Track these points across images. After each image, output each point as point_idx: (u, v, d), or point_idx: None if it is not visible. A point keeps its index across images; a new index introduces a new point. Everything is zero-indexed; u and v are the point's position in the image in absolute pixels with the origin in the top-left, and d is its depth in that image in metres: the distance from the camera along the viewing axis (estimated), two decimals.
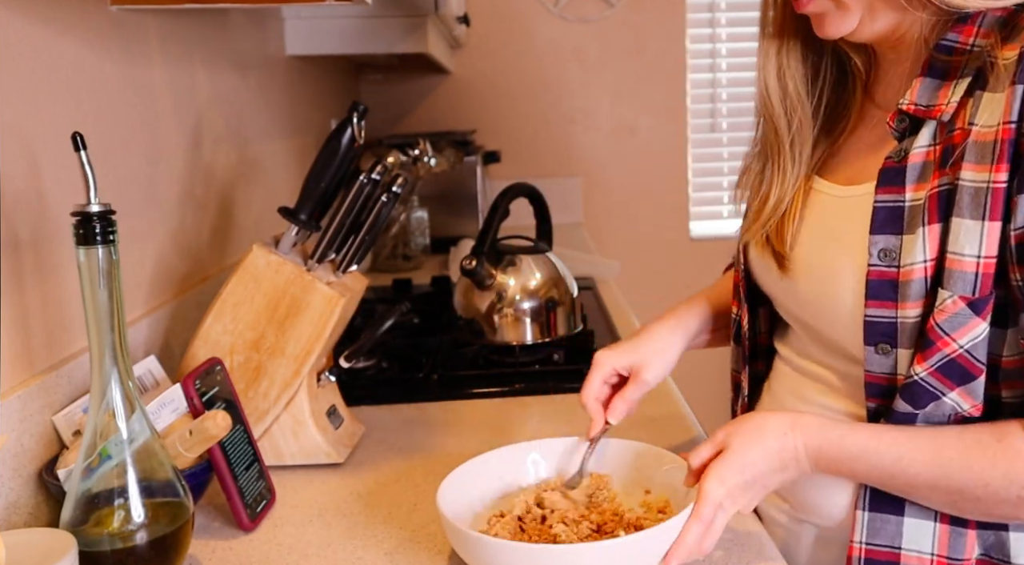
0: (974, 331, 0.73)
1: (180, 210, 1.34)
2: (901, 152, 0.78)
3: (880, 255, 0.77)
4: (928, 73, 0.77)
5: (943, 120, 0.75)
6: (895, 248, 0.76)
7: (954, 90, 0.75)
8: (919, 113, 0.77)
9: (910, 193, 0.76)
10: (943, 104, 0.75)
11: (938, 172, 0.74)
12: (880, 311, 0.77)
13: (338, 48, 2.02)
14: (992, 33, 0.74)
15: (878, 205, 0.77)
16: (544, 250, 1.50)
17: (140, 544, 0.76)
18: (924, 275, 0.74)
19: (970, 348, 0.73)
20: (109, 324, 0.76)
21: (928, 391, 0.75)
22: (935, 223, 0.73)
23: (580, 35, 2.89)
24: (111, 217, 0.75)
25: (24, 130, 0.94)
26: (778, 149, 0.89)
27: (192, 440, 0.84)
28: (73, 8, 1.05)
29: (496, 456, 0.92)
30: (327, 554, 0.87)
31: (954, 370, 0.74)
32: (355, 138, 1.03)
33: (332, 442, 1.07)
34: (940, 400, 0.75)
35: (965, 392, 0.75)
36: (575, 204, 2.96)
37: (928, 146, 0.76)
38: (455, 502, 0.84)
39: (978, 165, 0.71)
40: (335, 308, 1.03)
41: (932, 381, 0.75)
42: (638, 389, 0.96)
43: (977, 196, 0.71)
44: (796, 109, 0.89)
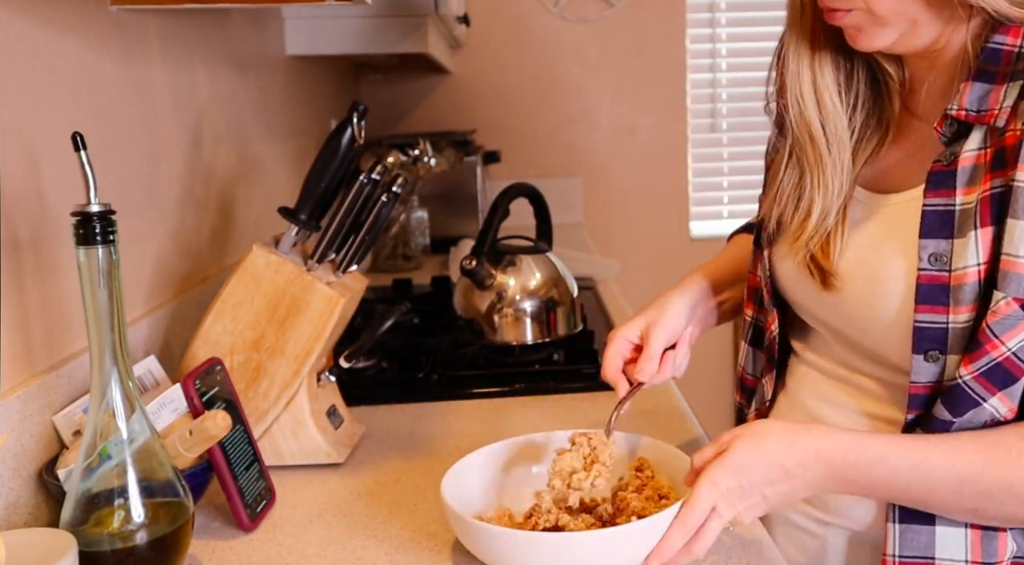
0: (1023, 333, 0.72)
1: (180, 210, 1.34)
2: (951, 155, 0.76)
3: (931, 259, 0.76)
4: (977, 77, 0.76)
5: (997, 125, 0.74)
6: (946, 252, 0.75)
7: (1006, 94, 0.74)
8: (970, 118, 0.76)
9: (961, 196, 0.75)
10: (995, 109, 0.74)
11: (990, 175, 0.73)
12: (931, 317, 0.76)
13: (338, 48, 2.02)
14: None
15: (927, 209, 0.76)
16: (544, 250, 1.50)
17: (140, 544, 0.76)
18: (977, 278, 0.73)
19: (1017, 350, 0.72)
20: (109, 324, 0.76)
21: (970, 397, 0.74)
22: (988, 226, 0.73)
23: (580, 35, 2.89)
24: (111, 217, 0.75)
25: (24, 130, 0.94)
26: (818, 163, 0.87)
27: (192, 440, 0.84)
28: (73, 8, 1.05)
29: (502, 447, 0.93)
30: (327, 554, 0.87)
31: (998, 374, 0.73)
32: (355, 138, 1.03)
33: (332, 442, 1.07)
34: (980, 407, 0.74)
35: (1005, 396, 0.74)
36: (575, 204, 2.96)
37: (979, 149, 0.75)
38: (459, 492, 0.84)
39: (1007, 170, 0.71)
40: (335, 308, 1.03)
41: (975, 386, 0.74)
42: (656, 340, 0.93)
43: (1002, 200, 0.71)
44: (833, 120, 0.86)
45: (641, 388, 0.94)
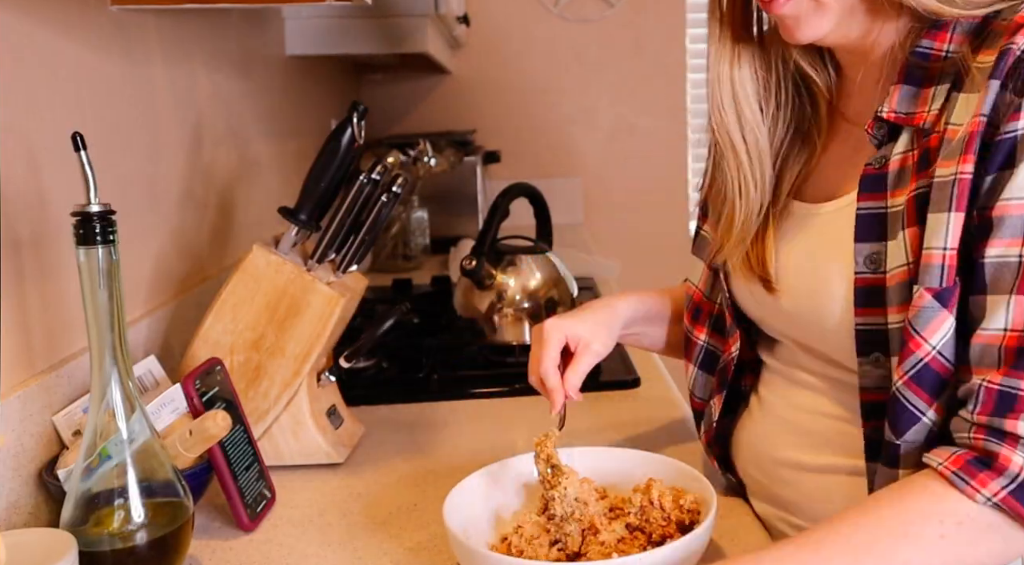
0: (943, 327, 0.71)
1: (180, 210, 1.34)
2: (881, 159, 0.77)
3: (866, 262, 0.76)
4: (906, 80, 0.77)
5: (924, 127, 0.75)
6: (880, 254, 0.75)
7: (934, 97, 0.75)
8: (900, 120, 0.76)
9: (891, 199, 0.75)
10: (923, 111, 0.75)
11: (916, 176, 0.74)
12: (870, 319, 0.76)
13: (338, 48, 2.02)
14: (966, 40, 0.74)
15: (861, 213, 0.77)
16: (544, 250, 1.50)
17: (140, 544, 0.76)
18: (906, 278, 0.73)
19: (941, 348, 0.71)
20: (109, 324, 0.76)
21: (906, 409, 0.73)
22: (913, 225, 0.73)
23: (580, 35, 2.89)
24: (111, 217, 0.75)
25: (24, 130, 0.94)
26: (737, 170, 0.87)
27: (192, 440, 0.84)
28: (73, 8, 1.05)
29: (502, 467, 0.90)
30: (327, 554, 0.87)
31: (928, 378, 0.72)
32: (355, 138, 1.03)
33: (332, 442, 1.07)
34: (920, 421, 0.73)
35: (941, 406, 0.72)
36: (575, 204, 2.96)
37: (906, 151, 0.76)
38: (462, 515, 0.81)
39: (947, 160, 0.71)
40: (335, 308, 1.03)
41: (909, 395, 0.73)
42: (588, 360, 0.92)
43: (943, 189, 0.71)
44: (753, 130, 0.87)
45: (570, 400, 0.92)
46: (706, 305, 0.98)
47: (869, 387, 0.78)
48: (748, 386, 0.98)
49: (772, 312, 0.89)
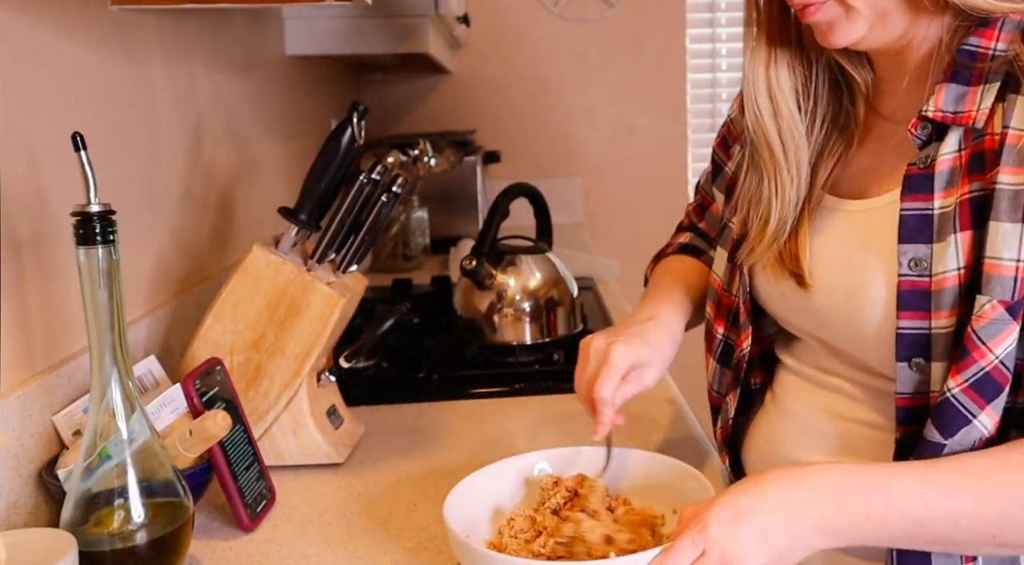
0: (1010, 338, 0.70)
1: (180, 210, 1.34)
2: (926, 158, 0.76)
3: (911, 265, 0.75)
4: (952, 79, 0.75)
5: (976, 126, 0.73)
6: (926, 257, 0.74)
7: (982, 95, 0.73)
8: (947, 120, 0.75)
9: (939, 200, 0.74)
10: (972, 110, 0.74)
11: (967, 178, 0.73)
12: (913, 322, 0.75)
13: (338, 48, 2.02)
14: (1015, 38, 0.73)
15: (905, 213, 0.75)
16: (544, 250, 1.50)
17: (140, 544, 0.76)
18: (958, 283, 0.72)
19: (1004, 358, 0.71)
20: (109, 324, 0.76)
21: (960, 413, 0.72)
22: (967, 230, 0.72)
23: (580, 35, 2.89)
24: (111, 217, 0.75)
25: (24, 130, 0.94)
26: (774, 169, 0.86)
27: (192, 440, 0.84)
28: (73, 8, 1.05)
29: (503, 466, 0.90)
30: (327, 554, 0.87)
31: (987, 385, 0.71)
32: (355, 138, 1.03)
33: (332, 442, 1.07)
34: (970, 424, 0.72)
35: (992, 410, 0.72)
36: (575, 204, 2.96)
37: (956, 152, 0.74)
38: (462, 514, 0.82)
39: (1016, 168, 0.70)
40: (335, 308, 1.03)
41: (965, 400, 0.72)
42: (635, 388, 0.91)
43: (1016, 199, 0.69)
44: (789, 127, 0.86)
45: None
46: (725, 298, 0.96)
47: (906, 392, 0.76)
48: (759, 383, 0.97)
49: (800, 310, 0.87)
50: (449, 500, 0.82)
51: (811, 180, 0.87)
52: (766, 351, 0.96)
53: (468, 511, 0.83)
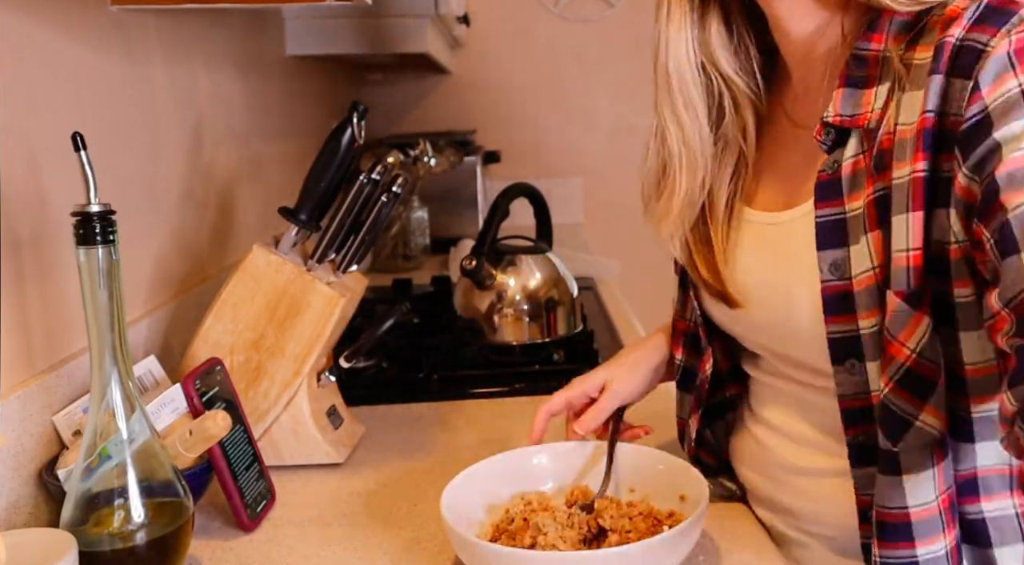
0: (918, 330, 0.71)
1: (180, 210, 1.34)
2: (834, 164, 0.77)
3: (831, 270, 0.76)
4: (847, 83, 0.77)
5: (870, 127, 0.74)
6: (843, 260, 0.75)
7: (876, 96, 0.75)
8: (845, 123, 0.76)
9: (849, 203, 0.75)
10: (867, 111, 0.75)
11: (871, 179, 0.74)
12: (841, 326, 0.76)
13: (338, 48, 2.02)
14: (901, 38, 0.74)
15: (820, 220, 0.77)
16: (544, 250, 1.50)
17: (140, 544, 0.76)
18: (874, 282, 0.73)
19: (921, 351, 0.71)
20: (109, 324, 0.76)
21: (896, 415, 0.73)
22: (875, 229, 0.73)
23: (580, 35, 2.89)
24: (111, 217, 0.75)
25: (24, 130, 0.94)
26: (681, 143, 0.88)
27: (192, 440, 0.84)
28: (74, 8, 1.05)
29: (501, 460, 0.92)
30: (327, 554, 0.87)
31: (914, 382, 0.72)
32: (355, 138, 1.03)
33: (332, 442, 1.07)
34: (912, 426, 0.72)
35: (933, 408, 0.72)
36: (575, 204, 2.97)
37: (858, 154, 0.75)
38: (459, 508, 0.83)
39: (902, 162, 0.71)
40: (335, 308, 1.03)
41: (897, 401, 0.72)
42: (609, 399, 0.96)
43: (901, 191, 0.71)
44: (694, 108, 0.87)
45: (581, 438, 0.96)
46: (680, 324, 0.98)
47: (847, 394, 0.78)
48: (735, 395, 0.97)
49: (746, 326, 0.89)
50: (445, 494, 0.83)
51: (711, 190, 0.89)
52: (737, 365, 0.97)
53: (465, 504, 0.84)
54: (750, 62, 0.89)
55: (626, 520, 0.84)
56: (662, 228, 0.91)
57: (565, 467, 0.94)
